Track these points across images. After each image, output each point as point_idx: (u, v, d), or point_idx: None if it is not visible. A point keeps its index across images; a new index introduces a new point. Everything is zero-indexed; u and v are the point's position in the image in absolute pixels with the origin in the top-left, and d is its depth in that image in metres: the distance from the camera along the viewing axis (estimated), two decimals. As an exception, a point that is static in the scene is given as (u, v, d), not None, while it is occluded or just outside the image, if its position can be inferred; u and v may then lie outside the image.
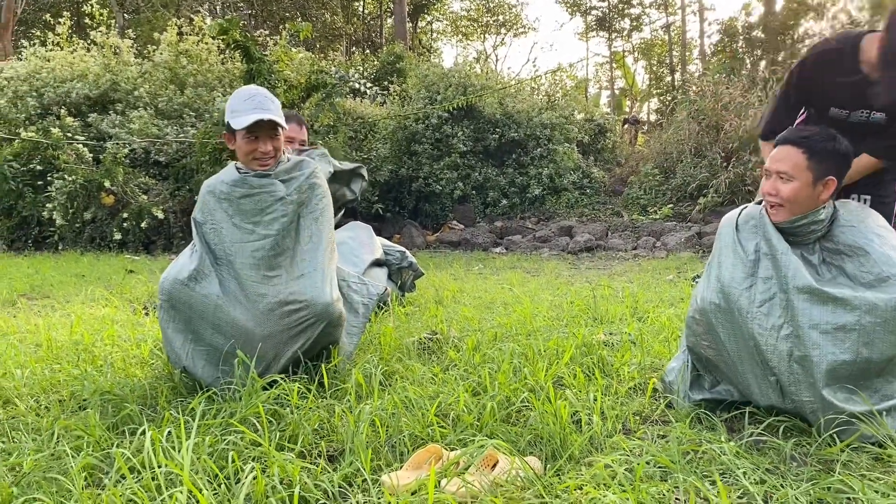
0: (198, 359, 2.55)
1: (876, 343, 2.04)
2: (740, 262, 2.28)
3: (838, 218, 2.29)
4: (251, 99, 2.66)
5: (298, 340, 2.59)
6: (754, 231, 2.32)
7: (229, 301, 2.54)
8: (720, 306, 2.25)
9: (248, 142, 2.67)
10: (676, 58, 26.42)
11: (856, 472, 1.84)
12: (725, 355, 2.27)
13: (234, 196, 2.69)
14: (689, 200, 12.20)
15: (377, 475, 1.85)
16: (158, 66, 12.78)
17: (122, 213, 10.17)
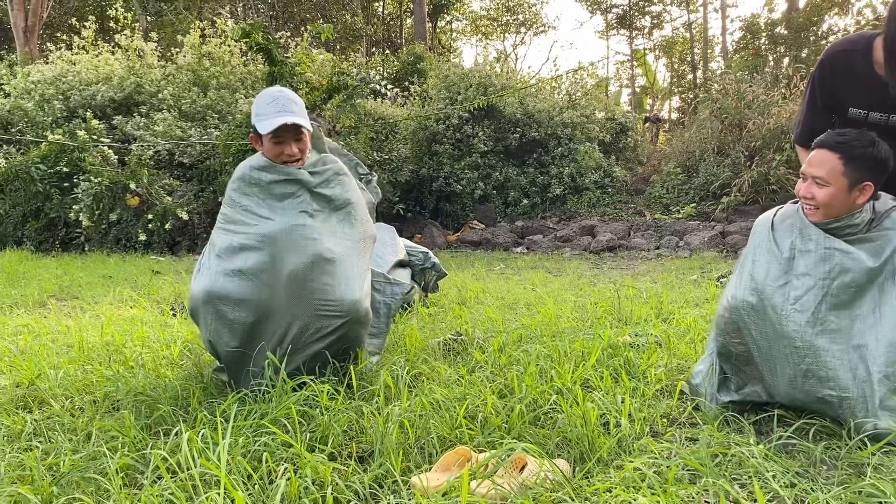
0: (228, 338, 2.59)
1: None
2: (775, 260, 2.29)
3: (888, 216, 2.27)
4: (275, 102, 2.68)
5: (325, 336, 2.59)
6: (790, 229, 2.32)
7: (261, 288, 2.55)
8: (753, 305, 2.26)
9: (275, 145, 2.70)
10: (698, 55, 26.20)
11: (887, 475, 1.83)
12: (756, 353, 2.27)
13: (263, 181, 2.72)
14: (712, 199, 12.11)
15: (407, 476, 1.87)
16: (182, 68, 12.93)
17: (146, 215, 10.30)
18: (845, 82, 2.50)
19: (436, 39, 28.73)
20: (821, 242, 2.23)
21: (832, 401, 2.12)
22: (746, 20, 21.71)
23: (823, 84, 2.61)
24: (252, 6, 23.65)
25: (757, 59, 18.60)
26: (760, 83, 12.79)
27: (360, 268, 2.76)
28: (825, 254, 2.22)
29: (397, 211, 12.06)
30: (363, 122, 11.55)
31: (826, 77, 2.59)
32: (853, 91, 2.49)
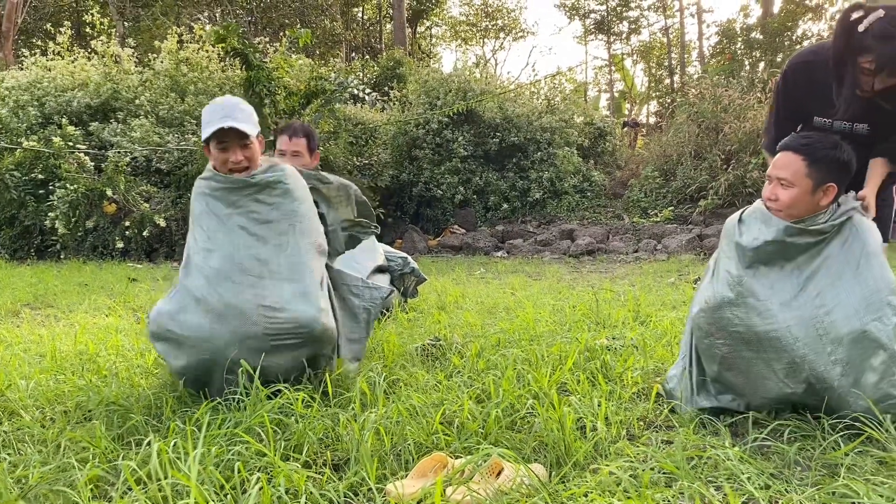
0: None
1: None
2: (745, 252, 2.33)
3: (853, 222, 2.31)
4: (220, 108, 2.64)
5: (282, 352, 2.53)
6: (756, 222, 2.37)
7: (210, 313, 2.52)
8: (733, 300, 2.28)
9: (220, 152, 2.66)
10: (675, 60, 26.44)
11: (860, 476, 1.84)
12: (743, 349, 2.28)
13: (208, 190, 2.69)
14: (689, 203, 12.21)
15: (382, 484, 1.86)
16: (159, 74, 12.82)
17: (124, 222, 10.20)
18: (808, 92, 2.55)
19: (415, 45, 28.73)
20: (786, 230, 2.27)
21: (831, 372, 2.15)
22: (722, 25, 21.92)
23: (787, 95, 2.68)
24: (230, 12, 23.53)
25: (733, 63, 18.81)
26: (736, 87, 12.93)
27: (313, 281, 2.68)
28: (790, 241, 2.27)
29: (378, 216, 12.02)
30: (342, 127, 11.51)
31: (789, 87, 2.66)
32: (816, 100, 2.54)
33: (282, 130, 3.91)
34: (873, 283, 2.18)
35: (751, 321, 2.25)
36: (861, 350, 2.12)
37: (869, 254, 2.23)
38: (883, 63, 2.23)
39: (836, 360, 2.14)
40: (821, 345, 2.16)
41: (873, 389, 2.10)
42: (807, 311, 2.20)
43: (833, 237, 2.28)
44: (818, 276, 2.25)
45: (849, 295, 2.19)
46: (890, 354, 2.12)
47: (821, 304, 2.20)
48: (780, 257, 2.30)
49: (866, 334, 2.13)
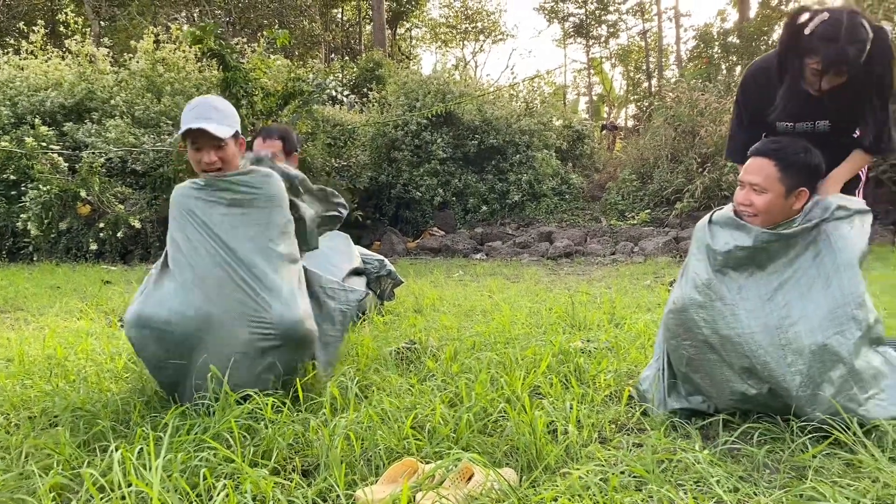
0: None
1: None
2: (715, 254, 2.34)
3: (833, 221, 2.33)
4: (195, 108, 2.63)
5: (266, 357, 2.52)
6: (727, 225, 2.38)
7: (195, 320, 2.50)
8: (701, 302, 2.29)
9: (194, 152, 2.65)
10: (653, 64, 26.64)
11: (827, 478, 1.85)
12: (707, 351, 2.29)
13: (186, 194, 2.68)
14: (666, 205, 12.30)
15: (352, 490, 1.84)
16: (135, 74, 12.69)
17: (98, 223, 10.07)
18: (768, 97, 2.59)
19: (395, 46, 28.71)
20: (757, 236, 2.29)
21: (791, 382, 2.16)
22: (700, 30, 22.17)
23: (747, 102, 2.74)
24: (208, 12, 23.35)
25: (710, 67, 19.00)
26: (713, 91, 13.05)
27: (293, 286, 2.65)
28: (762, 246, 2.28)
29: (355, 218, 11.97)
30: (320, 128, 11.46)
31: (749, 94, 2.72)
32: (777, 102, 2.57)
33: (258, 133, 3.89)
34: (840, 296, 2.19)
35: (716, 324, 2.26)
36: (821, 363, 2.14)
37: (839, 266, 2.24)
38: (828, 64, 2.29)
39: (795, 371, 2.15)
40: (782, 354, 2.18)
41: (829, 403, 2.12)
42: (772, 319, 2.21)
43: (806, 248, 2.30)
44: (787, 286, 2.27)
45: (816, 308, 2.20)
46: (849, 369, 2.13)
47: (787, 314, 2.21)
48: (750, 263, 2.31)
49: (827, 347, 2.14)
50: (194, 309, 2.47)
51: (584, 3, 28.09)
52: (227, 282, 2.52)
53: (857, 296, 2.19)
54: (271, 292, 2.54)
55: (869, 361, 2.20)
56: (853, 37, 2.24)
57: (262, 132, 3.89)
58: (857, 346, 2.16)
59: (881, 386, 2.19)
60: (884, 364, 2.24)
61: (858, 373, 2.14)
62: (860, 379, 2.15)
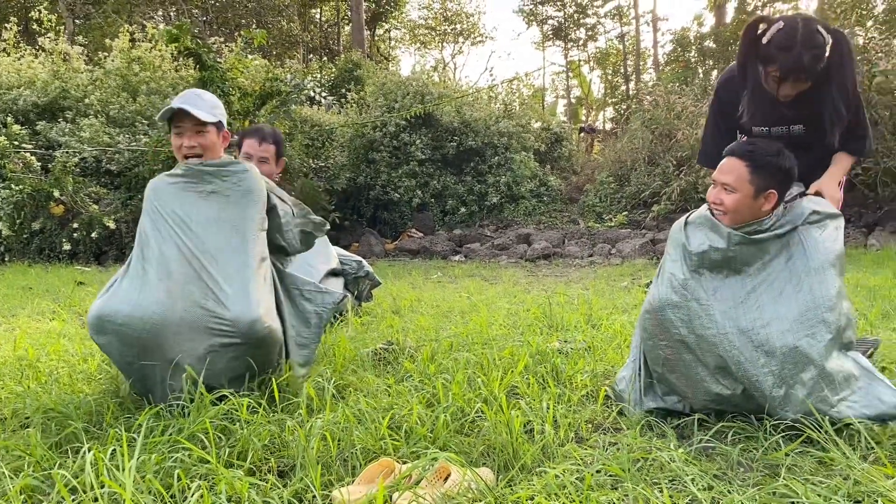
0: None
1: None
2: (691, 256, 2.37)
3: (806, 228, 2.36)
4: (181, 96, 2.69)
5: (225, 352, 2.49)
6: (701, 226, 2.42)
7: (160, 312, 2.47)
8: (677, 302, 2.32)
9: (176, 137, 2.71)
10: (631, 67, 26.85)
11: (800, 476, 1.88)
12: (683, 351, 2.31)
13: (160, 189, 2.70)
14: (643, 208, 12.39)
15: (328, 490, 1.83)
16: (110, 73, 12.55)
17: (72, 224, 9.93)
18: (739, 103, 2.63)
19: (374, 47, 28.66)
20: (730, 238, 2.32)
21: (764, 383, 2.18)
22: (677, 33, 22.39)
23: (721, 108, 2.79)
24: (185, 11, 23.15)
25: (687, 71, 19.19)
26: (689, 95, 13.17)
27: (257, 285, 2.62)
28: (735, 248, 2.32)
29: (333, 219, 11.93)
30: (298, 128, 11.41)
31: (722, 100, 2.77)
32: (742, 108, 2.62)
33: (251, 133, 3.83)
34: (811, 300, 2.23)
35: (692, 324, 2.29)
36: (792, 364, 2.17)
37: (811, 270, 2.27)
38: (786, 72, 2.35)
39: (768, 372, 2.18)
40: (755, 355, 2.20)
41: (801, 404, 2.15)
42: (745, 321, 2.24)
43: (779, 252, 2.33)
44: (760, 289, 2.30)
45: (787, 310, 2.24)
46: (820, 371, 2.16)
47: (759, 316, 2.25)
48: (724, 265, 2.34)
49: (798, 349, 2.17)
50: (156, 305, 2.44)
51: (563, 7, 28.23)
52: (192, 278, 2.52)
53: (828, 299, 2.22)
54: (233, 289, 2.53)
55: (841, 364, 2.23)
56: (808, 44, 2.30)
57: (255, 133, 3.82)
58: (828, 348, 2.19)
59: (853, 388, 2.22)
60: (856, 367, 2.27)
61: (830, 375, 2.18)
62: (831, 381, 2.18)
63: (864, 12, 13.47)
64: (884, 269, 6.73)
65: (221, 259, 2.57)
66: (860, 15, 13.19)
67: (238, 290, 2.53)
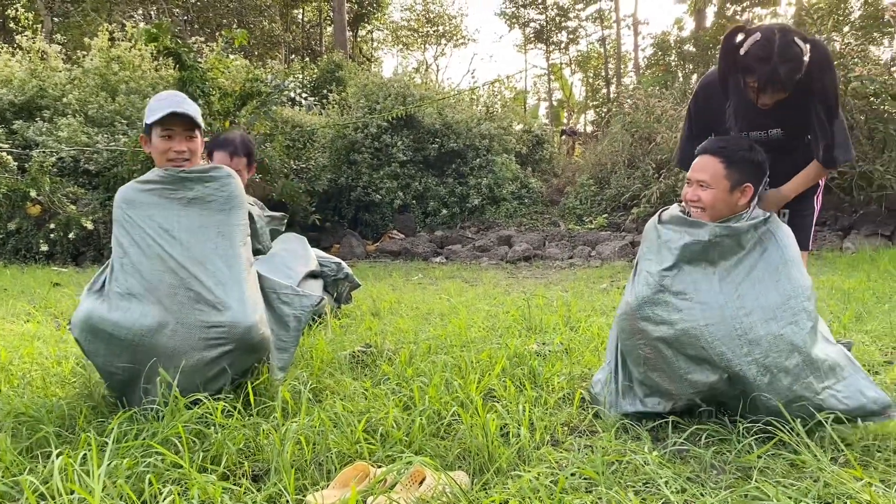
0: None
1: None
2: (665, 253, 2.40)
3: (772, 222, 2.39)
4: (168, 99, 2.64)
5: (219, 362, 2.48)
6: (677, 222, 2.45)
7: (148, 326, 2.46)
8: (655, 299, 2.33)
9: (163, 140, 2.64)
10: (612, 70, 27.00)
11: (772, 478, 1.90)
12: (663, 348, 2.32)
13: (134, 200, 2.62)
14: (622, 210, 12.47)
15: (303, 495, 1.82)
16: (88, 72, 12.42)
17: (49, 224, 9.82)
18: (717, 109, 2.67)
19: (356, 48, 28.60)
20: (709, 230, 2.35)
21: (749, 371, 2.21)
22: (657, 37, 22.52)
23: (699, 113, 2.83)
24: (165, 10, 22.97)
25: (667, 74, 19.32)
26: (669, 98, 13.27)
27: (249, 289, 2.63)
28: (715, 241, 2.34)
29: (314, 221, 11.89)
30: (279, 129, 11.36)
31: (700, 107, 2.81)
32: (727, 115, 2.65)
33: (221, 145, 3.77)
34: (791, 289, 2.27)
35: (671, 318, 2.30)
36: (777, 352, 2.20)
37: (788, 261, 2.32)
38: (763, 83, 2.39)
39: (752, 360, 2.21)
40: (738, 344, 2.23)
41: (787, 391, 2.18)
42: (727, 311, 2.27)
43: (754, 246, 2.36)
44: (739, 279, 2.33)
45: (768, 300, 2.27)
46: (804, 357, 2.20)
47: (741, 305, 2.27)
48: (702, 259, 2.36)
49: (782, 337, 2.21)
50: (147, 318, 2.43)
51: (545, 10, 28.33)
52: (179, 288, 2.48)
53: (806, 288, 2.28)
54: (228, 296, 2.51)
55: (826, 353, 2.26)
56: (785, 56, 2.33)
57: (225, 146, 3.76)
58: (811, 335, 2.23)
59: (838, 377, 2.25)
60: (842, 357, 2.30)
61: (814, 362, 2.21)
62: (816, 368, 2.21)
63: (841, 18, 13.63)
64: (858, 272, 6.82)
65: (211, 266, 2.54)
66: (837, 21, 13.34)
67: (232, 296, 2.52)
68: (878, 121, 9.54)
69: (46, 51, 13.09)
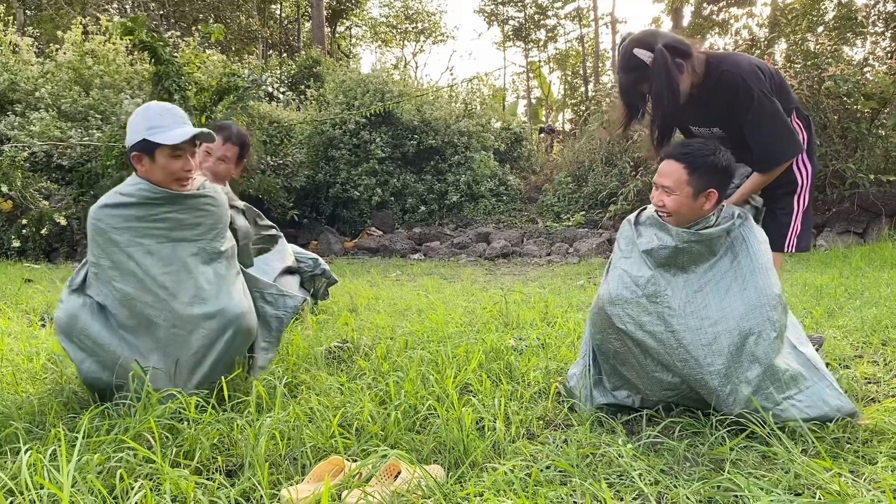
0: None
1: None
2: (641, 254, 2.41)
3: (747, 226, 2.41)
4: (169, 113, 2.52)
5: (211, 352, 2.50)
6: (652, 224, 2.45)
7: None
8: (628, 298, 2.34)
9: (175, 160, 2.50)
10: (590, 69, 27.12)
11: (744, 470, 1.92)
12: (632, 345, 2.34)
13: (109, 219, 2.53)
14: (600, 208, 12.53)
15: (277, 489, 1.81)
16: (62, 66, 12.25)
17: (20, 220, 9.67)
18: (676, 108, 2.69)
19: (334, 44, 28.47)
20: (678, 235, 2.35)
21: (710, 381, 2.22)
22: (635, 36, 22.59)
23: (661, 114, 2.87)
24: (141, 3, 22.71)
25: (644, 73, 19.41)
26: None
27: (238, 286, 2.70)
28: (683, 247, 2.35)
29: (292, 217, 11.82)
30: (256, 125, 11.27)
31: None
32: (685, 114, 2.69)
33: (218, 129, 3.71)
34: (756, 298, 2.27)
35: (640, 319, 2.32)
36: (738, 363, 2.21)
37: (756, 269, 2.31)
38: (620, 93, 2.59)
39: (714, 371, 2.22)
40: (702, 353, 2.24)
41: (747, 401, 2.19)
42: (693, 320, 2.28)
43: (725, 253, 2.37)
44: (707, 288, 2.34)
45: (733, 310, 2.27)
46: (765, 368, 2.21)
47: (707, 315, 2.28)
48: (672, 264, 2.37)
49: (744, 348, 2.22)
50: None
51: (524, 8, 28.39)
52: (170, 288, 2.50)
53: (772, 297, 2.27)
54: (217, 291, 2.56)
55: (788, 363, 2.27)
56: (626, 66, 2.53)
57: (221, 130, 3.71)
58: (774, 346, 2.24)
59: (800, 387, 2.25)
60: (804, 366, 2.30)
61: (776, 373, 2.22)
62: (777, 379, 2.22)
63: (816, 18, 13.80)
64: (830, 268, 6.91)
65: (197, 272, 2.56)
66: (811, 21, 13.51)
67: (221, 289, 2.57)
68: (851, 120, 9.67)
69: (18, 44, 12.89)
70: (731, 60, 2.53)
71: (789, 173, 2.69)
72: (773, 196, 2.72)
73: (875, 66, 11.36)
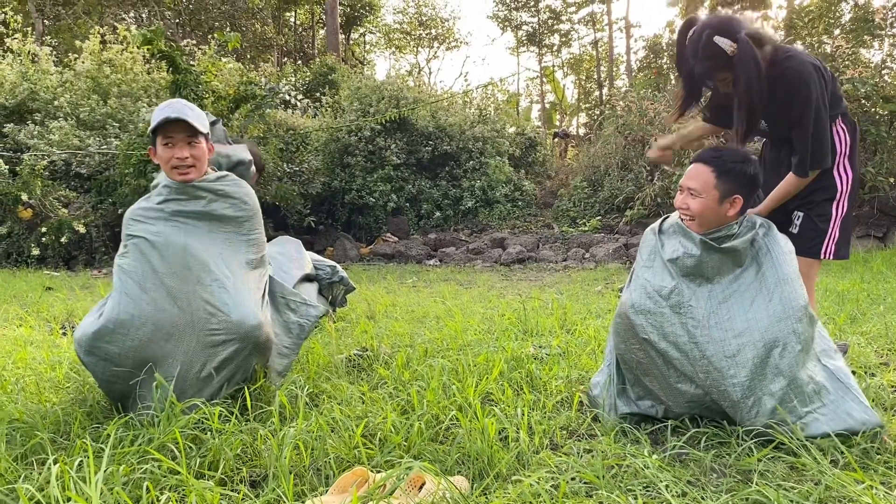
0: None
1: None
2: (665, 263, 2.39)
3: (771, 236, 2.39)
4: (169, 106, 2.63)
5: (223, 362, 2.49)
6: (675, 234, 2.43)
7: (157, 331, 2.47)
8: (650, 309, 2.32)
9: (166, 148, 2.62)
10: (604, 73, 27.04)
11: (772, 481, 1.89)
12: (655, 356, 2.32)
13: (145, 222, 2.62)
14: (616, 213, 12.48)
15: (301, 500, 1.81)
16: (80, 75, 12.37)
17: (40, 228, 9.77)
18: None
19: (349, 51, 28.58)
20: (701, 242, 2.34)
21: (733, 393, 2.19)
22: (649, 40, 22.59)
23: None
24: (157, 13, 22.90)
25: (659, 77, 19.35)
26: (662, 101, 13.29)
27: (258, 293, 2.69)
28: (707, 256, 2.33)
29: (308, 223, 11.86)
30: (273, 132, 11.33)
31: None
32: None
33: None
34: (782, 310, 2.24)
35: (664, 331, 2.30)
36: (762, 375, 2.19)
37: (782, 280, 2.28)
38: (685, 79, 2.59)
39: (737, 383, 2.19)
40: (726, 365, 2.22)
41: (770, 414, 2.16)
42: (717, 332, 2.26)
43: (750, 264, 2.35)
44: (732, 300, 2.31)
45: (758, 321, 2.25)
46: (789, 381, 2.18)
47: (731, 327, 2.26)
48: (698, 274, 2.35)
49: (768, 360, 2.19)
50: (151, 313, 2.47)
51: (537, 13, 28.38)
52: (182, 293, 2.50)
53: (798, 309, 2.24)
54: (232, 298, 2.54)
55: (812, 376, 2.24)
56: (703, 54, 2.45)
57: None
58: (799, 359, 2.21)
59: (823, 401, 2.22)
60: (828, 380, 2.27)
61: (799, 386, 2.19)
62: (801, 392, 2.19)
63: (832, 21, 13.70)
64: (851, 273, 6.84)
65: (216, 270, 2.57)
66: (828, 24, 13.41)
67: (236, 297, 2.54)
68: (870, 123, 9.58)
69: (37, 53, 13.03)
70: (798, 59, 2.50)
71: (828, 178, 2.66)
72: (811, 202, 2.70)
73: (893, 68, 11.25)
